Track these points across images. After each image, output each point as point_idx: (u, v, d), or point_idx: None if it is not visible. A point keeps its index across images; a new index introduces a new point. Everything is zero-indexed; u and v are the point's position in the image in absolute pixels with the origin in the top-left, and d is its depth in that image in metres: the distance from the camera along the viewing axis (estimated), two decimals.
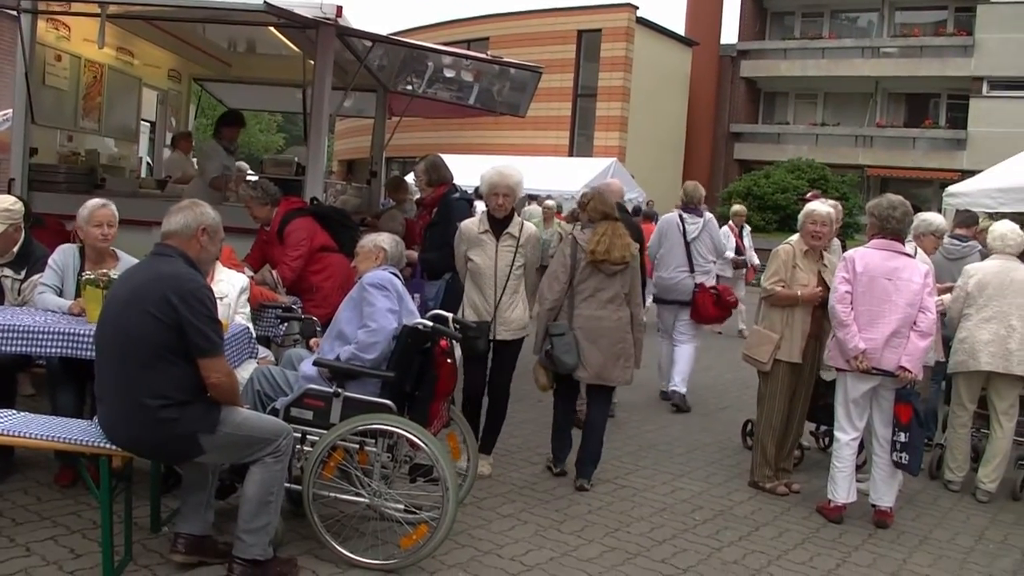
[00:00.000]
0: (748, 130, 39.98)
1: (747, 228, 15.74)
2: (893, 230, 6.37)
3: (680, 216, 9.67)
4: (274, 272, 7.26)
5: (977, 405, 7.47)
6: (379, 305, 5.08)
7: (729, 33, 41.61)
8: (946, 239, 8.10)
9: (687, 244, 9.51)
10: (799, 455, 7.65)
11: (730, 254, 14.17)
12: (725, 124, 40.07)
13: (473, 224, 6.70)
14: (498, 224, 6.59)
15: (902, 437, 6.24)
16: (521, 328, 6.66)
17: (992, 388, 7.29)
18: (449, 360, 5.13)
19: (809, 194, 10.30)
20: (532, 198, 18.95)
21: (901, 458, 6.26)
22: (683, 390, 9.62)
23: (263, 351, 6.19)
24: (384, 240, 5.54)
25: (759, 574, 5.41)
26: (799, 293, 6.73)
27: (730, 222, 15.11)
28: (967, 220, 8.89)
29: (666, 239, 9.68)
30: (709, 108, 39.67)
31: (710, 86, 39.76)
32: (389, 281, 5.22)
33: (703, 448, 8.07)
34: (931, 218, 7.76)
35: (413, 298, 7.23)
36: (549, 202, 15.88)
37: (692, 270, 9.49)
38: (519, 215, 6.82)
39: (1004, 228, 7.50)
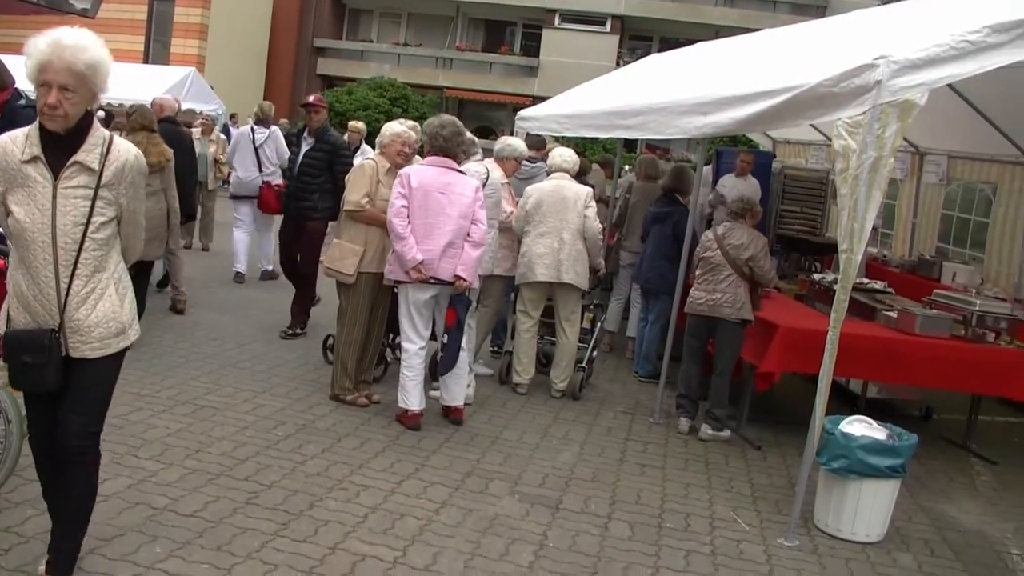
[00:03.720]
0: (332, 46, 39.71)
1: (366, 148, 14.10)
2: (441, 147, 6.75)
3: (252, 128, 11.90)
4: None
5: (544, 315, 8.08)
6: None
7: None
8: None
9: (256, 150, 11.69)
10: (383, 368, 7.90)
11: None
12: (309, 38, 39.54)
13: (14, 144, 3.66)
14: (57, 144, 3.63)
15: (445, 339, 6.71)
16: (117, 334, 3.81)
17: (556, 297, 7.92)
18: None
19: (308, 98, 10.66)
20: (104, 110, 17.78)
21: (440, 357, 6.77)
22: (272, 267, 11.98)
23: None
24: None
25: (342, 484, 5.54)
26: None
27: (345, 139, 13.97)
28: (536, 143, 9.52)
29: (239, 147, 11.89)
30: (293, 21, 38.95)
31: None
32: None
33: (284, 364, 8.07)
34: (515, 144, 8.22)
35: None
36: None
37: (260, 171, 11.67)
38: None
39: (563, 150, 8.34)
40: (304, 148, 9.09)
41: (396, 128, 7.13)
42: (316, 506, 5.18)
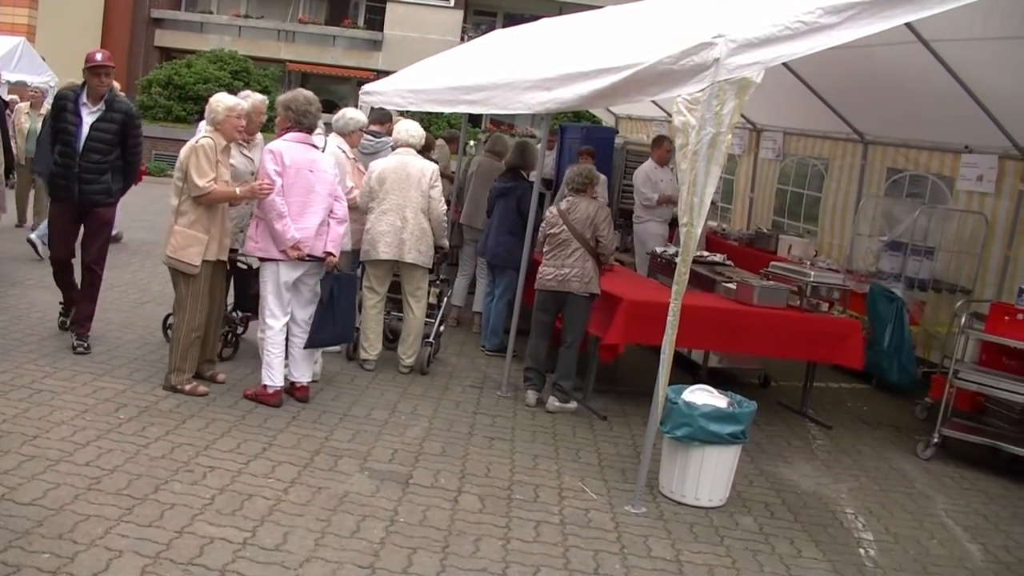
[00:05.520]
0: (170, 17, 38.49)
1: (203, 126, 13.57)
2: (308, 125, 6.66)
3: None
4: None
5: (391, 290, 8.06)
6: None
7: None
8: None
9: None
10: (232, 348, 7.83)
11: None
12: (146, 9, 38.20)
13: None
14: None
15: (310, 315, 6.75)
16: None
17: (401, 273, 7.92)
18: None
19: None
20: None
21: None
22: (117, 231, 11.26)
23: None
24: None
25: (187, 466, 5.43)
26: (237, 191, 6.60)
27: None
28: (381, 117, 9.45)
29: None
30: None
31: None
32: None
33: (125, 345, 7.84)
34: (358, 116, 8.15)
35: None
36: None
37: None
38: None
39: (408, 123, 8.22)
40: (88, 118, 7.30)
41: (228, 101, 6.71)
42: (161, 489, 5.06)
